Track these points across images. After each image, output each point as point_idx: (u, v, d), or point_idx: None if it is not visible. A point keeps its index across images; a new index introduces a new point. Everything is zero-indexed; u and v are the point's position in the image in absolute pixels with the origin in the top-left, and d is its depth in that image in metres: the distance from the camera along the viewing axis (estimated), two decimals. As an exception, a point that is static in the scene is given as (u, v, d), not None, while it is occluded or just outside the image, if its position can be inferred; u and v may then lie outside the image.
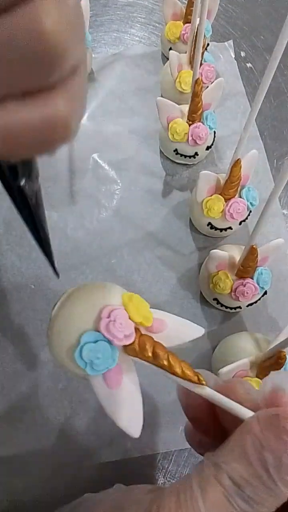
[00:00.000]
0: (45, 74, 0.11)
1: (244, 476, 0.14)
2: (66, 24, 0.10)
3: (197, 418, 0.18)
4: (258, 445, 0.14)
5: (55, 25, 0.10)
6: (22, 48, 0.10)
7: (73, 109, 0.12)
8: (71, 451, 0.34)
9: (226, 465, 0.14)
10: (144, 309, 0.18)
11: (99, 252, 0.40)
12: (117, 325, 0.17)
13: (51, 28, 0.10)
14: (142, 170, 0.44)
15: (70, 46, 0.11)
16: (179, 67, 0.42)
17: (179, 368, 0.17)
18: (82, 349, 0.16)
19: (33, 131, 0.11)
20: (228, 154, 0.46)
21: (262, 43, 0.52)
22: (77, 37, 0.11)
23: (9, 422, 0.35)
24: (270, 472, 0.14)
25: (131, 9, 0.53)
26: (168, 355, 0.17)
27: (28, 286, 0.38)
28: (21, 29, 0.10)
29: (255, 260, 0.32)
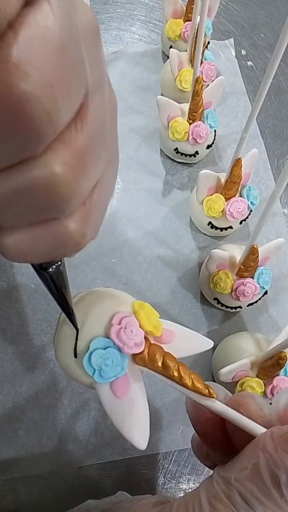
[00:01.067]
0: (55, 212, 0.11)
1: (255, 495, 0.14)
2: (76, 168, 0.10)
3: (206, 432, 0.18)
4: (271, 463, 0.14)
5: (62, 176, 0.10)
6: (35, 197, 0.10)
7: (84, 228, 0.12)
8: (71, 451, 0.34)
9: (237, 483, 0.14)
10: (154, 318, 0.18)
11: (99, 252, 0.40)
12: (128, 332, 0.16)
13: (58, 180, 0.10)
14: (142, 169, 0.44)
15: (80, 186, 0.11)
16: (180, 65, 0.42)
17: (189, 380, 0.16)
18: (92, 355, 0.16)
19: (43, 249, 0.12)
20: (228, 153, 0.46)
21: (262, 41, 0.52)
22: (92, 173, 0.11)
23: (9, 422, 0.35)
24: (283, 492, 0.13)
25: (131, 7, 0.53)
26: (179, 366, 0.16)
27: (28, 286, 0.38)
28: (31, 181, 0.10)
29: (256, 259, 0.32)
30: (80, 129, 0.10)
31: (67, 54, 0.09)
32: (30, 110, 0.08)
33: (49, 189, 0.10)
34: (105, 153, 0.12)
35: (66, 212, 0.11)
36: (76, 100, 0.10)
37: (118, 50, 0.49)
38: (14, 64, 0.08)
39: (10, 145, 0.09)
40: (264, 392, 0.31)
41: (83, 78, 0.10)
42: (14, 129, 0.09)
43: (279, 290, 0.40)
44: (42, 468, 0.34)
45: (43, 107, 0.09)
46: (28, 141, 0.09)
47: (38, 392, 0.35)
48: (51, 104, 0.09)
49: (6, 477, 0.33)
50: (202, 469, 0.35)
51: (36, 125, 0.09)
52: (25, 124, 0.09)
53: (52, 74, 0.09)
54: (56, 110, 0.09)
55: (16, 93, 0.08)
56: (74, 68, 0.09)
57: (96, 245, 0.41)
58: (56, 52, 0.09)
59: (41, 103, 0.09)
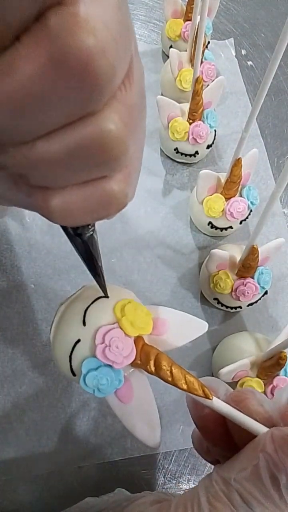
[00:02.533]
0: (106, 170, 0.12)
1: (255, 495, 0.14)
2: (127, 126, 0.11)
3: (206, 427, 0.17)
4: (271, 464, 0.14)
5: (117, 133, 0.10)
6: (89, 154, 0.10)
7: (127, 189, 0.13)
8: (71, 451, 0.34)
9: (236, 483, 0.14)
10: (140, 319, 0.17)
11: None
12: (113, 349, 0.16)
13: (114, 137, 0.10)
14: (142, 169, 0.44)
15: (129, 145, 0.11)
16: (180, 65, 0.42)
17: (184, 383, 0.16)
18: (86, 378, 0.16)
19: (90, 209, 0.12)
20: (228, 153, 0.46)
21: (263, 41, 0.52)
22: (136, 134, 0.12)
23: (9, 422, 0.35)
24: (282, 493, 0.13)
25: (131, 6, 0.52)
26: (172, 368, 0.16)
27: (28, 286, 0.38)
28: (88, 138, 0.10)
29: (256, 259, 0.32)
30: (129, 87, 0.11)
31: (123, 10, 0.09)
32: (97, 63, 0.09)
33: (106, 145, 0.10)
34: (144, 110, 0.12)
35: (117, 168, 0.12)
36: (129, 57, 0.10)
37: (118, 50, 0.49)
38: (84, 18, 0.08)
39: (74, 100, 0.09)
40: (264, 392, 0.31)
41: (132, 35, 0.10)
42: (81, 83, 0.09)
43: (279, 290, 0.40)
44: (42, 468, 0.34)
45: (108, 61, 0.09)
46: (92, 96, 0.09)
47: (38, 392, 0.35)
48: (115, 58, 0.09)
49: (6, 477, 0.33)
50: (202, 469, 0.35)
51: (101, 79, 0.09)
52: (91, 78, 0.09)
53: (115, 28, 0.09)
54: (118, 64, 0.09)
55: (86, 47, 0.08)
56: (128, 25, 0.10)
57: (96, 245, 0.40)
58: (116, 7, 0.09)
59: (106, 57, 0.09)
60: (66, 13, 0.08)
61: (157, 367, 0.16)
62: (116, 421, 0.35)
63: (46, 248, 0.39)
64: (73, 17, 0.08)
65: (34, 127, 0.10)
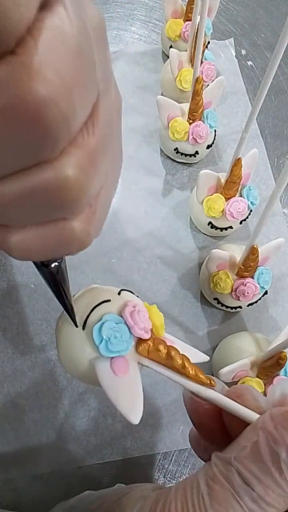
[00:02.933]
0: (64, 213, 0.11)
1: (255, 473, 0.14)
2: (87, 171, 0.11)
3: (203, 424, 0.18)
4: (271, 441, 0.14)
5: (74, 179, 0.10)
6: (44, 199, 0.10)
7: (89, 228, 0.13)
8: (71, 451, 0.34)
9: (236, 462, 0.14)
10: (161, 318, 0.19)
11: (99, 252, 0.40)
12: (141, 314, 0.17)
13: (70, 183, 0.10)
14: (142, 169, 0.44)
15: (89, 189, 0.11)
16: (180, 65, 0.42)
17: (191, 369, 0.17)
18: (103, 325, 0.17)
19: (49, 248, 0.12)
20: (228, 153, 0.46)
21: (263, 41, 0.52)
22: (100, 174, 0.12)
23: (9, 422, 0.35)
24: (282, 470, 0.13)
25: (131, 6, 0.52)
26: (183, 357, 0.17)
27: (28, 286, 0.38)
28: (43, 183, 0.10)
29: (256, 259, 0.32)
30: (91, 132, 0.10)
31: (83, 57, 0.09)
32: (48, 114, 0.08)
33: (62, 191, 0.10)
34: (111, 153, 0.12)
35: (75, 212, 0.12)
36: (90, 103, 0.10)
37: (118, 50, 0.49)
38: (35, 69, 0.08)
39: (27, 148, 0.09)
40: (264, 392, 0.31)
41: (95, 80, 0.10)
42: (32, 133, 0.09)
43: (279, 290, 0.40)
44: (42, 468, 0.34)
45: (61, 112, 0.09)
46: (45, 145, 0.09)
47: (38, 392, 0.35)
48: (69, 109, 0.09)
49: (6, 477, 0.33)
50: (202, 469, 0.35)
51: (53, 130, 0.09)
52: (43, 129, 0.09)
53: (70, 78, 0.09)
54: (73, 114, 0.09)
55: (36, 98, 0.08)
56: (89, 71, 0.09)
57: (96, 245, 0.40)
58: (74, 55, 0.09)
59: (59, 108, 0.09)
60: (17, 62, 0.08)
61: (169, 353, 0.17)
62: (116, 421, 0.35)
63: (46, 248, 0.39)
64: (24, 67, 0.08)
65: None
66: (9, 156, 0.09)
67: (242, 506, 0.14)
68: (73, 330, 0.18)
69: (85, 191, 0.11)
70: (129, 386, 0.17)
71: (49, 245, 0.12)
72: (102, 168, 0.12)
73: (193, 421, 0.18)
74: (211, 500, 0.14)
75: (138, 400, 0.17)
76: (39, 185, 0.10)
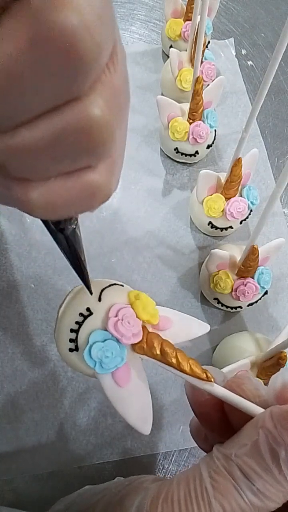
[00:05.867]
0: (91, 158, 0.11)
1: (255, 470, 0.14)
2: (113, 111, 0.10)
3: (204, 413, 0.18)
4: (271, 439, 0.14)
5: (104, 118, 0.10)
6: (74, 141, 0.10)
7: (111, 179, 0.12)
8: (71, 451, 0.34)
9: (237, 458, 0.14)
10: (150, 307, 0.18)
11: (99, 251, 0.40)
12: (125, 323, 0.17)
13: (101, 122, 0.10)
14: (142, 169, 0.44)
15: (115, 130, 0.11)
16: (180, 65, 0.42)
17: (187, 366, 0.16)
18: (91, 348, 0.16)
19: (73, 201, 0.12)
20: (228, 153, 0.46)
21: (263, 41, 0.52)
22: (121, 119, 0.11)
23: (9, 422, 0.35)
24: (281, 467, 0.14)
25: (131, 6, 0.52)
26: (176, 353, 0.17)
27: (28, 286, 0.38)
28: (74, 124, 0.10)
29: (256, 259, 0.32)
30: (113, 70, 0.10)
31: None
32: (83, 42, 0.08)
33: (92, 131, 0.10)
34: (128, 95, 0.12)
35: (103, 156, 0.11)
36: (113, 36, 0.10)
37: (118, 50, 0.49)
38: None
39: (58, 83, 0.09)
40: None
41: (114, 14, 0.10)
42: (65, 64, 0.08)
43: (279, 290, 0.40)
44: (42, 468, 0.34)
45: (93, 40, 0.08)
46: (77, 77, 0.09)
47: (38, 392, 0.35)
48: (100, 37, 0.09)
49: (6, 477, 0.33)
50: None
51: (87, 58, 0.09)
52: (76, 58, 0.08)
53: (99, 6, 0.08)
54: (104, 43, 0.09)
55: (70, 25, 0.08)
56: (110, 3, 0.09)
57: (96, 245, 0.40)
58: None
59: (91, 35, 0.08)
60: None
61: (162, 351, 0.17)
62: (116, 421, 0.35)
63: (46, 248, 0.39)
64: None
65: (16, 113, 0.09)
66: (41, 94, 0.09)
67: (243, 498, 0.14)
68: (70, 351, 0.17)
69: (113, 131, 0.10)
70: (136, 394, 0.17)
71: (73, 199, 0.12)
72: (124, 110, 0.11)
73: (194, 410, 0.18)
74: (214, 491, 0.14)
75: (146, 408, 0.17)
76: (70, 125, 0.10)
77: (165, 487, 0.16)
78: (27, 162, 0.10)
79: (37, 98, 0.09)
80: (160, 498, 0.15)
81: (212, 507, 0.14)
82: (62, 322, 0.18)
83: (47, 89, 0.09)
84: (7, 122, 0.09)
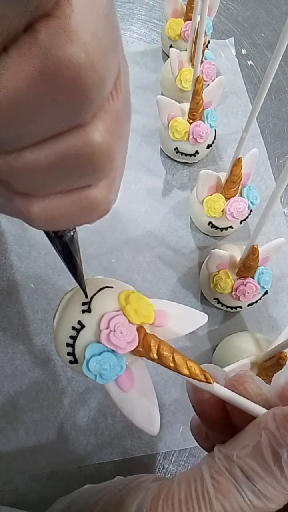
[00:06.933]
0: (91, 179, 0.12)
1: (257, 471, 0.14)
2: (114, 136, 0.11)
3: (205, 412, 0.18)
4: (273, 441, 0.14)
5: (105, 144, 0.10)
6: (75, 165, 0.11)
7: (110, 195, 0.13)
8: (71, 451, 0.34)
9: (238, 459, 0.14)
10: (143, 308, 0.18)
11: (99, 251, 0.40)
12: (118, 334, 0.16)
13: (102, 148, 0.10)
14: (142, 169, 0.44)
15: (115, 154, 0.11)
16: (180, 64, 0.42)
17: (186, 368, 0.16)
18: (89, 363, 0.16)
19: (72, 215, 0.12)
20: (228, 153, 0.46)
21: (263, 41, 0.52)
22: (122, 141, 0.12)
23: (9, 422, 0.35)
24: (283, 469, 0.14)
25: (131, 6, 0.52)
26: (174, 355, 0.17)
27: (28, 286, 0.38)
28: (76, 149, 0.10)
29: (256, 259, 0.32)
30: (116, 96, 0.11)
31: (111, 19, 0.09)
32: (87, 77, 0.09)
33: (93, 156, 0.10)
34: (129, 117, 0.12)
35: (102, 177, 0.12)
36: (117, 66, 0.10)
37: (118, 50, 0.49)
38: (74, 31, 0.08)
39: (63, 112, 0.09)
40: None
41: (120, 43, 0.10)
42: (71, 96, 0.09)
43: (279, 290, 0.40)
44: (42, 468, 0.34)
45: (98, 74, 0.09)
46: (81, 109, 0.09)
47: (38, 392, 0.35)
48: (104, 71, 0.09)
49: (6, 477, 0.33)
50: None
51: (91, 92, 0.09)
52: (81, 91, 0.09)
53: (104, 40, 0.09)
54: (108, 76, 0.09)
55: (76, 61, 0.08)
56: (116, 33, 0.10)
57: (96, 245, 0.40)
58: (104, 17, 0.09)
59: (96, 70, 0.09)
60: (56, 25, 0.08)
61: (159, 354, 0.17)
62: (116, 421, 0.35)
63: (46, 248, 0.39)
64: (63, 30, 0.08)
65: (21, 137, 0.10)
66: (46, 121, 0.09)
67: (244, 499, 0.14)
68: None
69: (113, 155, 0.11)
70: (141, 396, 0.17)
71: (72, 214, 0.12)
72: (124, 133, 0.12)
73: (195, 408, 0.18)
74: (215, 492, 0.14)
75: (153, 409, 0.17)
76: (72, 150, 0.10)
77: (166, 486, 0.16)
78: (29, 180, 0.11)
79: (42, 125, 0.09)
80: (160, 498, 0.15)
81: (213, 507, 0.14)
82: (57, 337, 0.18)
83: (51, 118, 0.09)
84: (12, 145, 0.10)
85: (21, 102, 0.09)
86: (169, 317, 0.19)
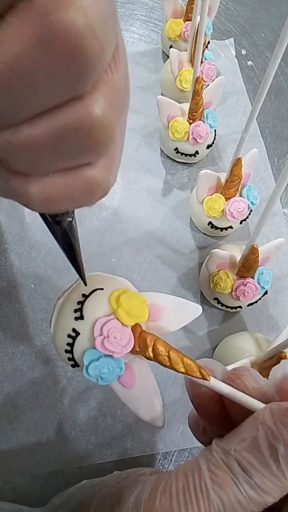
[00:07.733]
0: (91, 156, 0.11)
1: (253, 464, 0.14)
2: (114, 110, 0.10)
3: (203, 406, 0.18)
4: (270, 435, 0.14)
5: (105, 117, 0.10)
6: (75, 139, 0.10)
7: (110, 176, 0.12)
8: (71, 451, 0.34)
9: (236, 453, 0.15)
10: (135, 308, 0.17)
11: (99, 251, 0.40)
12: (112, 340, 0.16)
13: (102, 121, 0.10)
14: (142, 169, 0.44)
15: (115, 128, 0.11)
16: (180, 65, 0.42)
17: (181, 365, 0.16)
18: (88, 368, 0.17)
19: (71, 196, 0.12)
20: (228, 153, 0.46)
21: (263, 41, 0.52)
22: (121, 118, 0.11)
23: (9, 422, 0.35)
24: (280, 463, 0.14)
25: (131, 6, 0.52)
26: (169, 353, 0.17)
27: (28, 286, 0.38)
28: (76, 122, 0.10)
29: (256, 259, 0.32)
30: (115, 69, 0.10)
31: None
32: (86, 43, 0.08)
33: (93, 129, 0.10)
34: (128, 94, 0.12)
35: (103, 154, 0.11)
36: (116, 36, 0.10)
37: (118, 50, 0.49)
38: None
39: (63, 81, 0.09)
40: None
41: (117, 15, 0.10)
42: (70, 63, 0.09)
43: (279, 290, 0.40)
44: (42, 468, 0.34)
45: (98, 41, 0.09)
46: (81, 76, 0.09)
47: (38, 392, 0.35)
48: (104, 38, 0.09)
49: (6, 477, 0.33)
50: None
51: (90, 59, 0.09)
52: (81, 58, 0.09)
53: (103, 5, 0.09)
54: (107, 43, 0.09)
55: (76, 26, 0.08)
56: (114, 2, 0.09)
57: (96, 245, 0.41)
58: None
59: (96, 36, 0.08)
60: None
61: (155, 352, 0.17)
62: (116, 421, 0.35)
63: (46, 248, 0.39)
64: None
65: (19, 109, 0.09)
66: (44, 91, 0.09)
67: (241, 491, 0.14)
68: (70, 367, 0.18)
69: (113, 130, 0.11)
70: (145, 391, 0.17)
71: (71, 194, 0.12)
72: (124, 110, 0.12)
73: (193, 402, 0.18)
74: (212, 484, 0.14)
75: (156, 402, 0.17)
76: (71, 123, 0.10)
77: (164, 479, 0.16)
78: (28, 157, 0.10)
79: (40, 96, 0.09)
80: (158, 490, 0.16)
81: (211, 499, 0.14)
82: (56, 343, 0.18)
83: (50, 87, 0.09)
84: (10, 118, 0.10)
85: (20, 70, 0.08)
86: (164, 312, 0.19)
